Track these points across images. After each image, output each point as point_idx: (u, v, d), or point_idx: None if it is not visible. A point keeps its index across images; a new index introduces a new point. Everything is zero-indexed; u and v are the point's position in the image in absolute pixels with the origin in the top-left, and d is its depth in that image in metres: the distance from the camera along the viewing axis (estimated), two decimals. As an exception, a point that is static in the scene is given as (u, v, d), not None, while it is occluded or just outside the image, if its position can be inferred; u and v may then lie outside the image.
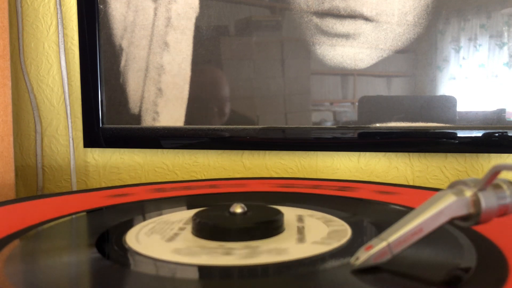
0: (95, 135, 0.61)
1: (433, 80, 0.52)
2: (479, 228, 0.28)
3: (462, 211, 0.22)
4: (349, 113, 0.55)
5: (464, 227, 0.23)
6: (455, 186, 0.23)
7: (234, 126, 0.57)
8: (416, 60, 0.52)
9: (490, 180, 0.22)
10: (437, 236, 0.25)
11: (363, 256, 0.22)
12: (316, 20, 0.54)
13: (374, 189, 0.43)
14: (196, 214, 0.29)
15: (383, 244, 0.22)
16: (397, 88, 0.53)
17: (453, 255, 0.25)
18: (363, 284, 0.21)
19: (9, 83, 0.57)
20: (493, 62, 0.50)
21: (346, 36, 0.54)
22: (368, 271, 0.22)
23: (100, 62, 0.60)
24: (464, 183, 0.23)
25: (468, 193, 0.22)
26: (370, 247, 0.22)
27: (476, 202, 0.22)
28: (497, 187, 0.23)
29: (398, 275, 0.22)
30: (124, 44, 0.60)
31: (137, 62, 0.60)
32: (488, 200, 0.22)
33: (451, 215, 0.22)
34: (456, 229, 0.28)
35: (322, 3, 0.54)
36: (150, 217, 0.33)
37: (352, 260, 0.22)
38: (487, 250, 0.25)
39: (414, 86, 0.53)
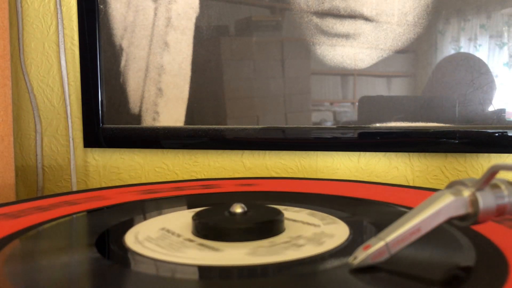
0: (95, 135, 0.61)
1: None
2: (479, 228, 0.28)
3: (460, 211, 0.22)
4: (349, 113, 0.55)
5: (462, 226, 0.23)
6: (453, 186, 0.23)
7: (234, 126, 0.57)
8: (416, 60, 0.52)
9: (488, 180, 0.22)
10: (436, 236, 0.25)
11: (361, 255, 0.22)
12: (316, 20, 0.54)
13: (236, 183, 0.46)
14: (196, 214, 0.29)
15: (381, 243, 0.22)
16: (397, 88, 0.53)
17: (452, 254, 0.25)
18: (361, 283, 0.21)
19: (9, 83, 0.57)
20: (493, 62, 0.50)
21: (346, 36, 0.54)
22: (366, 270, 0.22)
23: (100, 62, 0.60)
24: (462, 183, 0.23)
25: (466, 193, 0.22)
26: (368, 247, 0.22)
27: (474, 202, 0.22)
28: (495, 187, 0.23)
29: (396, 274, 0.22)
30: (124, 44, 0.60)
31: (137, 62, 0.60)
32: (486, 200, 0.22)
33: (449, 215, 0.22)
34: (455, 229, 0.28)
35: (322, 3, 0.54)
36: (151, 217, 0.33)
37: (350, 259, 0.22)
38: (487, 250, 0.25)
39: (414, 86, 0.53)
